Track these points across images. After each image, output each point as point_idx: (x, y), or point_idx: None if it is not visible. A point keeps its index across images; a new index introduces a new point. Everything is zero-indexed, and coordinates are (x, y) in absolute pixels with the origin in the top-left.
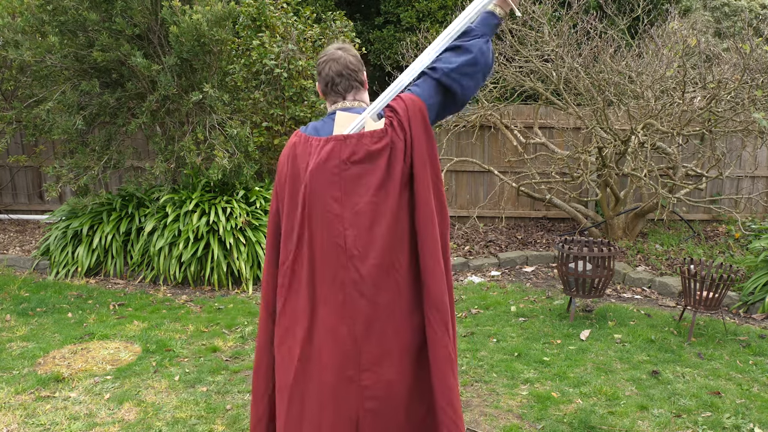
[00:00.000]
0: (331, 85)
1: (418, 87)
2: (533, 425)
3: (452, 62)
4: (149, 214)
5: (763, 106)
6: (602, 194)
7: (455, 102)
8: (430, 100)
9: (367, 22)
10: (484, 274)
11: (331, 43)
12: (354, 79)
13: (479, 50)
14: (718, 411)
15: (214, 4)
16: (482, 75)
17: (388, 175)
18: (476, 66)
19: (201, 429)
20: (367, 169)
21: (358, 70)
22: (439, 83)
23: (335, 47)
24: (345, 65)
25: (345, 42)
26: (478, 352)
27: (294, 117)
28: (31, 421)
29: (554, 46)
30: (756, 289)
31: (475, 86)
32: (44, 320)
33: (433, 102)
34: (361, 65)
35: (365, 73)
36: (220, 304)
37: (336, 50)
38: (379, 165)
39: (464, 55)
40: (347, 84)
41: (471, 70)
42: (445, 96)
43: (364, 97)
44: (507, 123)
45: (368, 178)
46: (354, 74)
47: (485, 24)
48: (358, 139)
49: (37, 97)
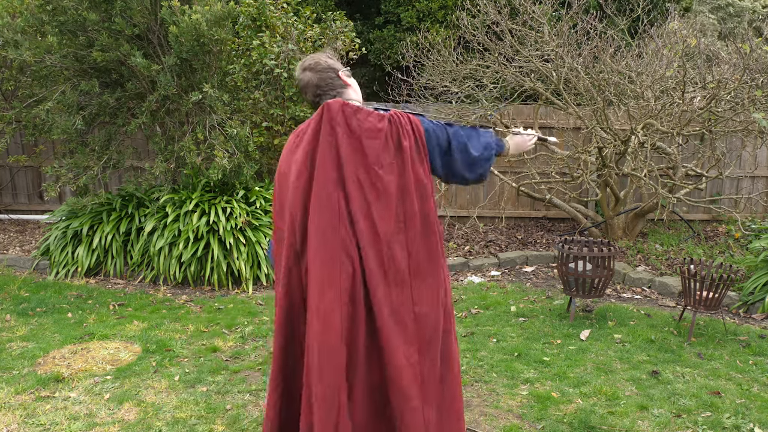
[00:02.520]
0: (316, 106)
1: (432, 123)
2: (533, 425)
3: (462, 134)
4: (149, 214)
5: (763, 106)
6: (602, 194)
7: (449, 166)
8: (439, 142)
9: (368, 22)
10: (484, 274)
11: (331, 44)
12: (331, 90)
13: (485, 144)
14: (718, 411)
15: (214, 4)
16: (479, 163)
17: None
18: (476, 149)
19: (201, 429)
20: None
21: (332, 79)
22: (446, 135)
23: (302, 68)
24: (316, 86)
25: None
26: (478, 352)
27: (294, 117)
28: (31, 421)
29: (554, 46)
30: (756, 289)
31: (469, 165)
32: (44, 320)
33: (440, 147)
34: (332, 71)
35: (341, 71)
36: (220, 304)
37: (304, 74)
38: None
39: (473, 137)
40: (328, 99)
41: (473, 151)
42: (447, 151)
43: (350, 95)
44: (507, 123)
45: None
46: (330, 87)
47: (495, 142)
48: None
49: (37, 97)
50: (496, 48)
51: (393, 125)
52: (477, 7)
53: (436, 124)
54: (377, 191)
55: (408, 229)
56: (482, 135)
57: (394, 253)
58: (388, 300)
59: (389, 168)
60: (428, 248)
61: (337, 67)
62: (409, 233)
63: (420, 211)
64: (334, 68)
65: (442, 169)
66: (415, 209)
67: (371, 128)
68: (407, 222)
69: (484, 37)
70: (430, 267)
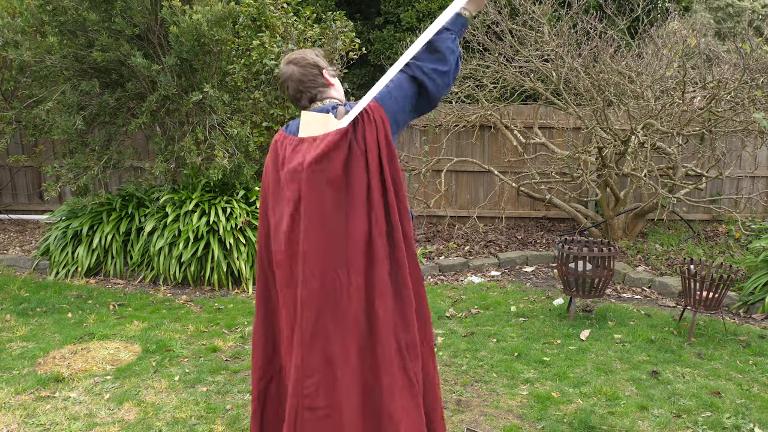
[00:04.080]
0: (296, 102)
1: (396, 86)
2: (533, 425)
3: (423, 58)
4: (149, 214)
5: (763, 106)
6: (602, 194)
7: (428, 97)
8: (401, 93)
9: (368, 22)
10: (484, 274)
11: (331, 44)
12: (314, 88)
13: (447, 48)
14: (718, 411)
15: (214, 4)
16: (452, 69)
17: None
18: (445, 62)
19: (201, 429)
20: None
21: (315, 76)
22: (412, 78)
23: (286, 61)
24: (299, 80)
25: (342, 44)
26: (478, 352)
27: (294, 117)
28: (31, 421)
29: (554, 46)
30: (756, 289)
31: (445, 78)
32: (44, 320)
33: (406, 95)
34: (316, 68)
35: (325, 69)
36: (220, 304)
37: (287, 67)
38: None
39: (434, 53)
40: (309, 95)
41: (441, 66)
42: (420, 90)
43: (331, 94)
44: (507, 123)
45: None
46: (312, 83)
47: (453, 24)
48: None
49: (37, 97)
50: (496, 48)
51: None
52: None
53: (397, 81)
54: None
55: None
56: (440, 42)
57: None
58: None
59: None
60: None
61: (322, 65)
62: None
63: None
64: (319, 65)
65: (432, 86)
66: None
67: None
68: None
69: (484, 37)
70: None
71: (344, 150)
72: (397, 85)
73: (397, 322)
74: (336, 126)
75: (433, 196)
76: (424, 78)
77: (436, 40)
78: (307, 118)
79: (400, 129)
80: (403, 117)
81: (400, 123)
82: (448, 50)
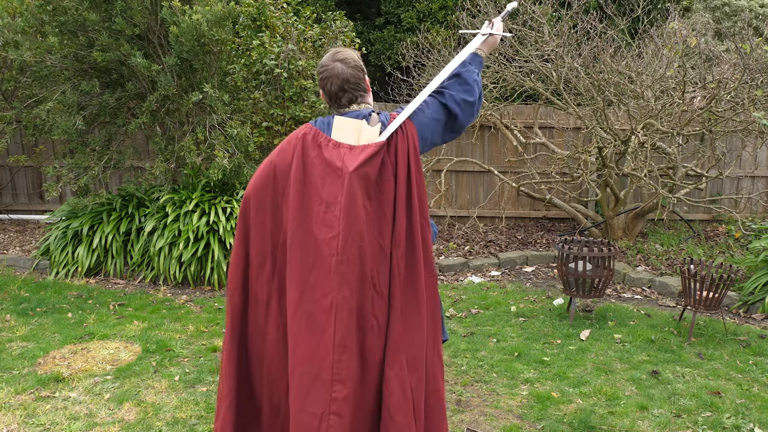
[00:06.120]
0: (334, 100)
1: (428, 107)
2: (533, 425)
3: (455, 89)
4: (149, 214)
5: (763, 106)
6: (602, 194)
7: (455, 125)
8: (434, 114)
9: (368, 22)
10: (484, 274)
11: (331, 44)
12: (356, 91)
13: (474, 80)
14: (718, 411)
15: (214, 4)
16: (477, 101)
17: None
18: (472, 93)
19: (201, 429)
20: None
21: (360, 79)
22: (444, 105)
23: (333, 58)
24: (345, 80)
25: (342, 44)
26: (478, 352)
27: (294, 117)
28: (31, 421)
29: (554, 46)
30: (756, 289)
31: (471, 108)
32: (44, 320)
33: (438, 119)
34: (362, 72)
35: (366, 76)
36: (220, 304)
37: (335, 63)
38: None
39: (464, 84)
40: (350, 96)
41: (469, 97)
42: (448, 118)
43: (368, 100)
44: (507, 123)
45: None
46: (356, 86)
47: (472, 61)
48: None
49: (37, 97)
50: (495, 48)
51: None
52: (477, 7)
53: (430, 104)
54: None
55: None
56: (468, 75)
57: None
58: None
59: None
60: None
61: (364, 70)
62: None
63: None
64: (363, 69)
65: (461, 116)
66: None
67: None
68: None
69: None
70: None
71: (378, 163)
72: (430, 107)
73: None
74: (372, 135)
75: (433, 196)
76: (456, 107)
77: (464, 73)
78: (340, 123)
79: (425, 149)
80: (430, 138)
81: (427, 141)
82: (475, 83)
